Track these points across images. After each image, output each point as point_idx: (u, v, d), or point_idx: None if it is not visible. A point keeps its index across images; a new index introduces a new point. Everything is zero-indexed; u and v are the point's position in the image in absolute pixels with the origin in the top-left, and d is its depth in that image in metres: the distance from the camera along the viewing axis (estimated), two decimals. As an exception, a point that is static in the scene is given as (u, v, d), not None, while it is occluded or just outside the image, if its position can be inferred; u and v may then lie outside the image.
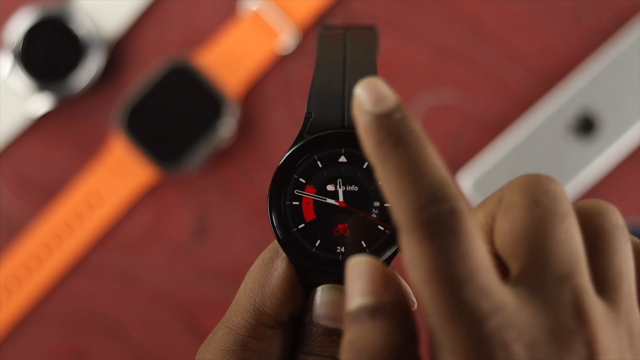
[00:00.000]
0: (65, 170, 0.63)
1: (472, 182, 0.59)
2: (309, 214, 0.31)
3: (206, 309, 0.62)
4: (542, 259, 0.26)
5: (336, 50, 0.33)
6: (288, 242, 0.31)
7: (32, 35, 0.61)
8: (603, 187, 0.61)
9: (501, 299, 0.25)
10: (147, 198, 0.62)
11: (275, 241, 0.31)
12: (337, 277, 0.30)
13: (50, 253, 0.62)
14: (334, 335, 0.30)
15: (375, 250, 0.31)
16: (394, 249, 0.31)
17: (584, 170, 0.59)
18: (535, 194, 0.27)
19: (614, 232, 0.28)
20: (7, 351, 0.62)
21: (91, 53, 0.61)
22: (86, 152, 0.62)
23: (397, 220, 0.25)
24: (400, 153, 0.26)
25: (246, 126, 0.62)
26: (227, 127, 0.61)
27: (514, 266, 0.27)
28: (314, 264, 0.31)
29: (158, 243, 0.62)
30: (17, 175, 0.63)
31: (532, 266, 0.26)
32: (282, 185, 0.31)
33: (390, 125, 0.26)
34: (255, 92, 0.62)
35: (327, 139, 0.31)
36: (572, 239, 0.26)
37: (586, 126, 0.60)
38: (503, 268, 0.28)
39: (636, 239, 0.30)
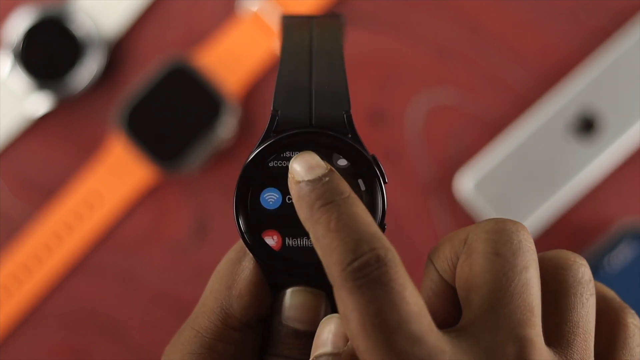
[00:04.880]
0: (65, 170, 0.62)
1: (473, 182, 0.59)
2: None
3: (206, 309, 0.61)
4: (492, 309, 0.26)
5: (302, 40, 0.33)
6: (255, 244, 0.30)
7: (32, 35, 0.61)
8: (603, 187, 0.61)
9: (436, 346, 0.25)
10: (147, 198, 0.62)
11: (242, 241, 0.30)
12: (305, 279, 0.30)
13: (50, 253, 0.62)
14: (303, 337, 0.30)
15: None
16: None
17: (584, 170, 0.59)
18: (497, 244, 0.27)
19: (576, 287, 0.28)
20: (7, 351, 0.62)
21: (91, 53, 0.61)
22: (86, 152, 0.62)
23: (329, 277, 0.26)
24: (329, 212, 0.27)
25: (246, 126, 0.62)
26: (227, 127, 0.61)
27: (466, 314, 0.27)
28: (282, 266, 0.30)
29: (158, 243, 0.62)
30: (17, 175, 0.63)
31: (481, 316, 0.26)
32: (248, 186, 0.30)
33: (320, 188, 0.27)
34: (255, 92, 0.62)
35: (294, 139, 0.30)
36: (527, 293, 0.27)
37: (586, 126, 0.60)
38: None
39: (606, 292, 0.30)
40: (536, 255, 0.28)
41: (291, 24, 0.34)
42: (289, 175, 0.28)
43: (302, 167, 0.28)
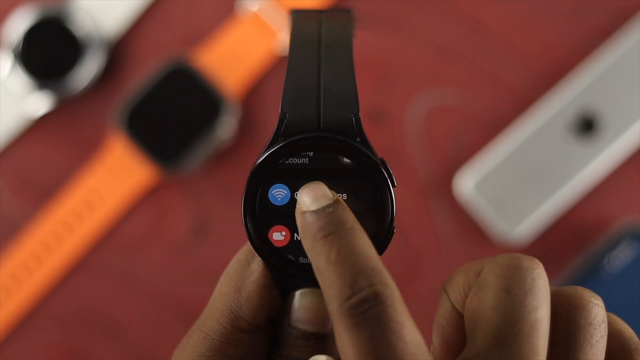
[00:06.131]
0: (65, 170, 0.63)
1: (473, 182, 0.59)
2: None
3: (206, 309, 0.61)
4: (495, 348, 0.26)
5: (310, 35, 0.32)
6: (264, 248, 0.30)
7: (32, 35, 0.61)
8: (603, 187, 0.61)
9: None
10: (147, 198, 0.62)
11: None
12: (314, 281, 0.29)
13: (50, 253, 0.62)
14: (313, 339, 0.29)
15: None
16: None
17: (584, 170, 0.59)
18: (510, 281, 0.27)
19: (587, 329, 0.28)
20: (7, 351, 0.62)
21: (91, 53, 0.61)
22: (86, 152, 0.62)
23: (328, 310, 0.26)
24: (330, 243, 0.27)
25: (246, 126, 0.62)
26: (227, 128, 0.61)
27: (469, 347, 0.27)
28: (291, 269, 0.30)
29: (158, 243, 0.62)
30: (17, 175, 0.63)
31: (483, 354, 0.26)
32: (256, 190, 0.30)
33: (323, 219, 0.27)
34: (255, 93, 0.62)
35: (302, 143, 0.30)
36: (533, 334, 0.26)
37: (586, 126, 0.60)
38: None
39: (623, 329, 0.29)
40: (549, 294, 0.27)
41: (300, 18, 0.33)
42: (297, 206, 0.28)
43: (308, 197, 0.28)
